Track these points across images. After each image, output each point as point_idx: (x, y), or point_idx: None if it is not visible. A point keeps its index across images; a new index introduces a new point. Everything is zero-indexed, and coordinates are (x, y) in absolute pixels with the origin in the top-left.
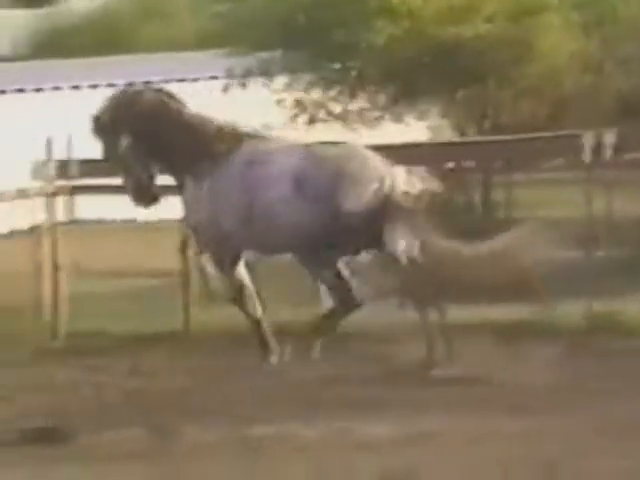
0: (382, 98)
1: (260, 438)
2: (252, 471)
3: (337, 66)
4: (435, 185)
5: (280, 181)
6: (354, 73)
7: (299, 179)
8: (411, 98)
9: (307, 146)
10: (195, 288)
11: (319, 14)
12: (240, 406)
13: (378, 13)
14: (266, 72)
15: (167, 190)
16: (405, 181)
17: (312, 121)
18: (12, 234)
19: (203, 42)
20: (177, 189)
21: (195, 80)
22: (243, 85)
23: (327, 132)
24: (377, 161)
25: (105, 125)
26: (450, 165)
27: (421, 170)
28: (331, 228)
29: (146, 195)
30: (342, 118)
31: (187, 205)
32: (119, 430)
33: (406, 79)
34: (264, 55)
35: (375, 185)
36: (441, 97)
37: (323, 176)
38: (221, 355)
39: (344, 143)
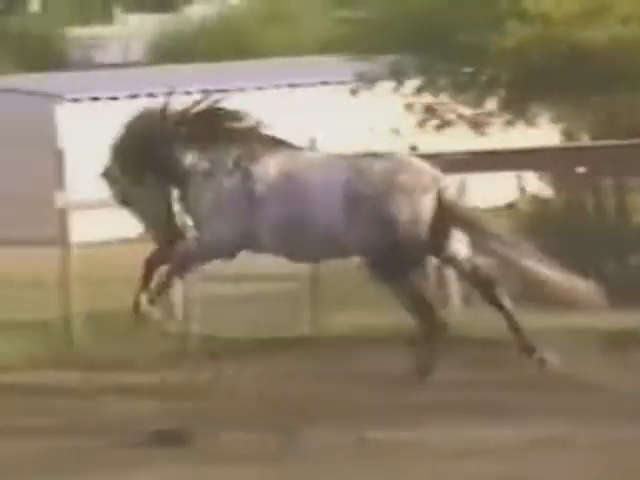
0: (513, 102)
1: (383, 442)
2: (374, 475)
3: (467, 70)
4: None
5: (327, 197)
6: (484, 77)
7: (349, 195)
8: (542, 102)
9: (351, 159)
10: (323, 292)
11: (448, 17)
12: (364, 410)
13: (509, 15)
14: (395, 76)
15: None
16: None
17: (441, 126)
18: (142, 237)
19: (328, 46)
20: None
21: (323, 84)
22: (371, 90)
23: (456, 137)
24: (429, 170)
25: (121, 171)
26: (582, 169)
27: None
28: (389, 242)
29: (170, 233)
30: (472, 122)
31: (194, 199)
32: (246, 433)
33: (537, 83)
34: (393, 59)
35: (430, 194)
36: (573, 100)
37: (374, 191)
38: (349, 360)
39: (391, 154)
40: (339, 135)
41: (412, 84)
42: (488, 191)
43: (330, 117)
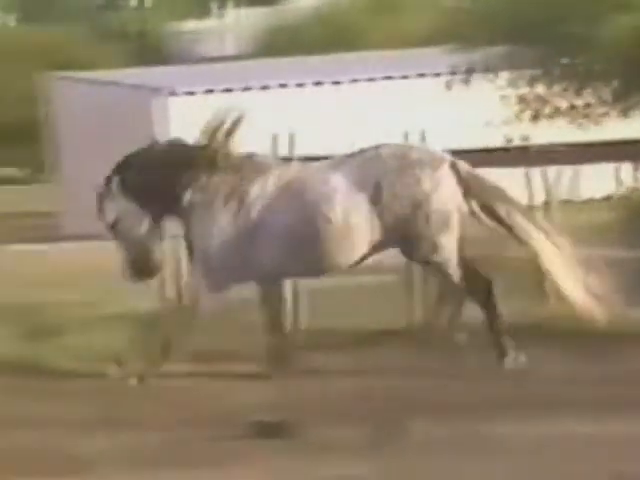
0: (608, 93)
1: (486, 436)
2: (478, 470)
3: (564, 61)
4: None
5: (342, 197)
6: (581, 68)
7: (367, 187)
8: (638, 93)
9: (355, 155)
10: (418, 285)
11: (548, 9)
12: (465, 404)
13: (613, 8)
14: (490, 68)
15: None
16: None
17: (536, 117)
18: None
19: (431, 38)
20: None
21: (419, 76)
22: (467, 81)
23: (552, 128)
24: (433, 149)
25: (122, 193)
26: None
27: None
28: (419, 217)
29: (147, 266)
30: (567, 114)
31: (195, 234)
32: (346, 426)
33: (634, 74)
34: (488, 51)
35: (444, 167)
36: None
37: (392, 172)
38: (447, 353)
39: (389, 144)
40: (434, 128)
41: (508, 76)
42: (585, 184)
43: (425, 110)
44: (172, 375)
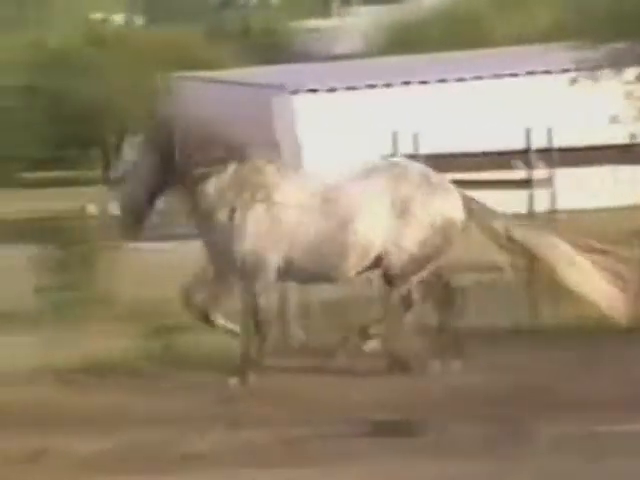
0: None
1: (612, 436)
2: (603, 470)
3: None
4: None
5: (370, 206)
6: None
7: (395, 201)
8: None
9: (383, 168)
10: (540, 283)
11: None
12: (594, 403)
13: None
14: (616, 64)
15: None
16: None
17: None
18: None
19: (551, 35)
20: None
21: (545, 73)
22: (593, 78)
23: None
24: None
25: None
26: None
27: None
28: (430, 239)
29: (138, 221)
30: None
31: (217, 233)
32: (470, 425)
33: None
34: (614, 46)
35: (455, 189)
36: None
37: (420, 192)
38: (572, 351)
39: (409, 162)
40: (559, 124)
41: (633, 72)
42: None
43: (549, 106)
44: (287, 371)
